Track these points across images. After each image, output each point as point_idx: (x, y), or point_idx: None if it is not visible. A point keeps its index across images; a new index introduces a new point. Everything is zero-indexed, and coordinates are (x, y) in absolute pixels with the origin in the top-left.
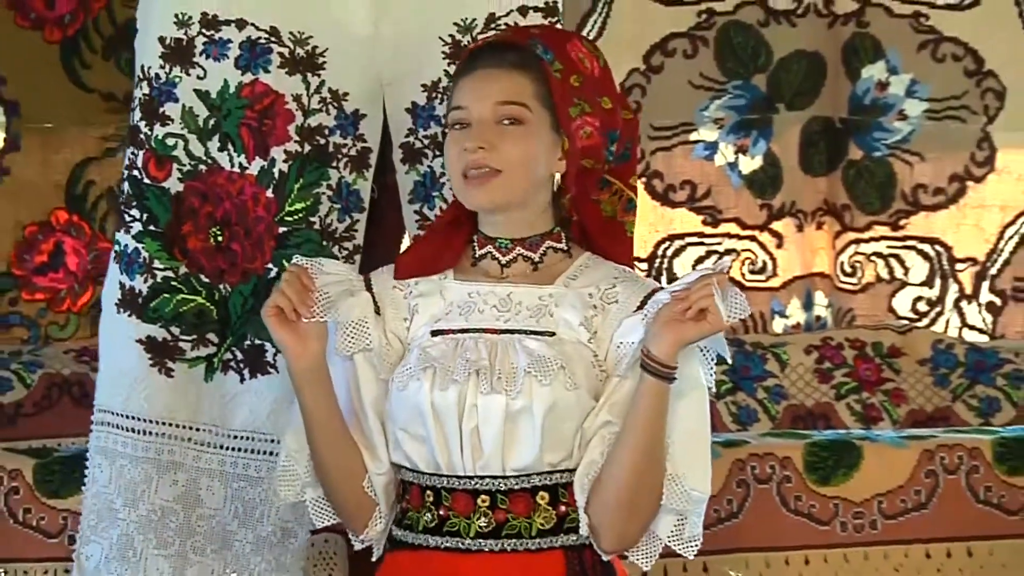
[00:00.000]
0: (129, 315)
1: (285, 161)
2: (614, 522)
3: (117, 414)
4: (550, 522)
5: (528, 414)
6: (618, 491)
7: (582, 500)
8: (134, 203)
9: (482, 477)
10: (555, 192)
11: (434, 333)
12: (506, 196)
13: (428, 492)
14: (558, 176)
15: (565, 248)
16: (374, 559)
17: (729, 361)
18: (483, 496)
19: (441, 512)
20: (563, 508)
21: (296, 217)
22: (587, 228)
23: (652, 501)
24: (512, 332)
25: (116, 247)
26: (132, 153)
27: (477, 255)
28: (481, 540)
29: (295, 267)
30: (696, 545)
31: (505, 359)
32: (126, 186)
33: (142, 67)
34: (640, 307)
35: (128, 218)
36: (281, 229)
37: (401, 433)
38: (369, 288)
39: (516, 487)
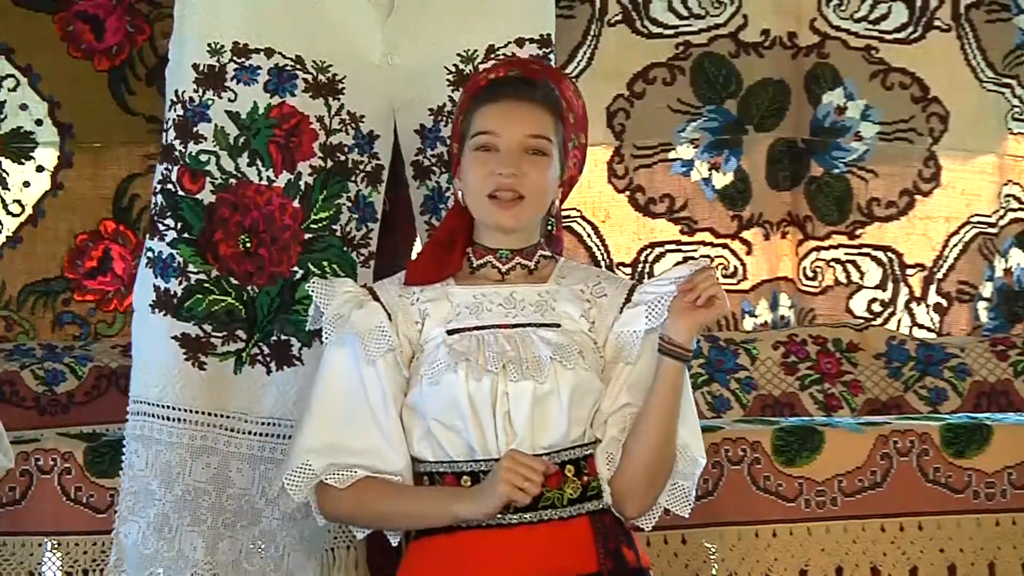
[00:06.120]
0: (164, 314)
1: (311, 175)
2: (638, 490)
3: (152, 404)
4: (577, 491)
5: (555, 396)
6: (642, 462)
7: (607, 473)
8: (168, 213)
9: None
10: None
11: (450, 332)
12: (527, 219)
13: (465, 478)
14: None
15: (550, 255)
16: (394, 544)
17: (703, 351)
18: None
19: None
20: (585, 478)
21: (321, 225)
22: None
23: (668, 469)
24: (523, 326)
25: (148, 254)
26: (166, 169)
27: (475, 264)
28: (521, 514)
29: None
30: (690, 505)
31: (528, 349)
32: (159, 199)
33: (175, 91)
34: (627, 300)
35: (162, 227)
36: (307, 235)
37: (435, 424)
38: (376, 299)
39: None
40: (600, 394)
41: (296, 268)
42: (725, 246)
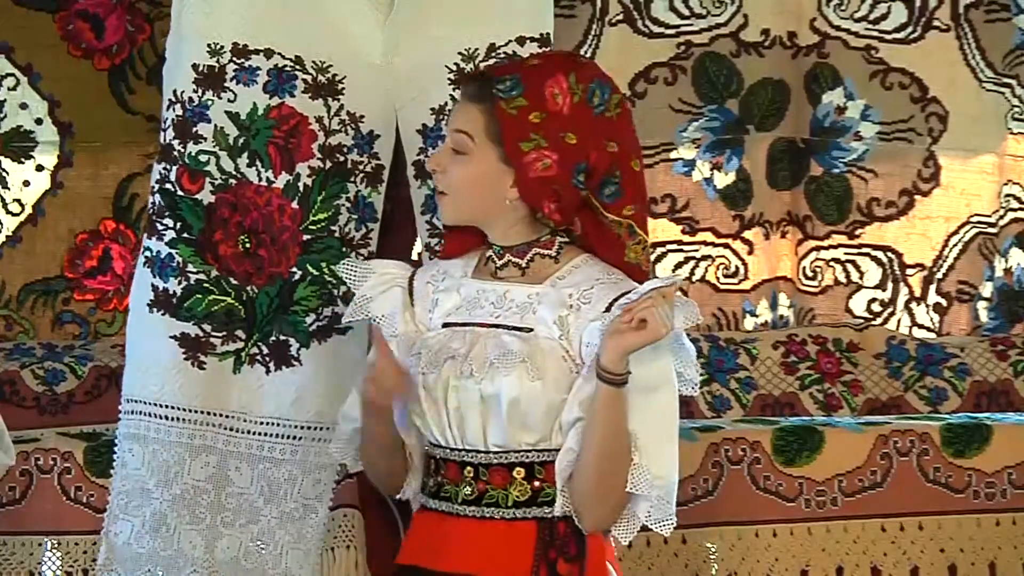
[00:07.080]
0: (163, 313)
1: (309, 176)
2: (589, 505)
3: (149, 403)
4: (525, 495)
5: (496, 399)
6: (588, 479)
7: (561, 484)
8: (166, 213)
9: (468, 450)
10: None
11: (444, 326)
12: (454, 215)
13: (431, 461)
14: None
15: (553, 254)
16: (397, 496)
17: (703, 351)
18: (468, 467)
19: (439, 479)
20: (538, 483)
21: (319, 226)
22: (589, 238)
23: (617, 487)
24: (499, 327)
25: (147, 253)
26: (164, 168)
27: (484, 257)
28: (465, 506)
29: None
30: (670, 524)
31: (480, 350)
32: (157, 198)
33: (174, 91)
34: (608, 309)
35: (160, 227)
36: (306, 237)
37: (410, 408)
38: (410, 283)
39: (495, 461)
40: (559, 403)
41: (295, 269)
42: (726, 246)
